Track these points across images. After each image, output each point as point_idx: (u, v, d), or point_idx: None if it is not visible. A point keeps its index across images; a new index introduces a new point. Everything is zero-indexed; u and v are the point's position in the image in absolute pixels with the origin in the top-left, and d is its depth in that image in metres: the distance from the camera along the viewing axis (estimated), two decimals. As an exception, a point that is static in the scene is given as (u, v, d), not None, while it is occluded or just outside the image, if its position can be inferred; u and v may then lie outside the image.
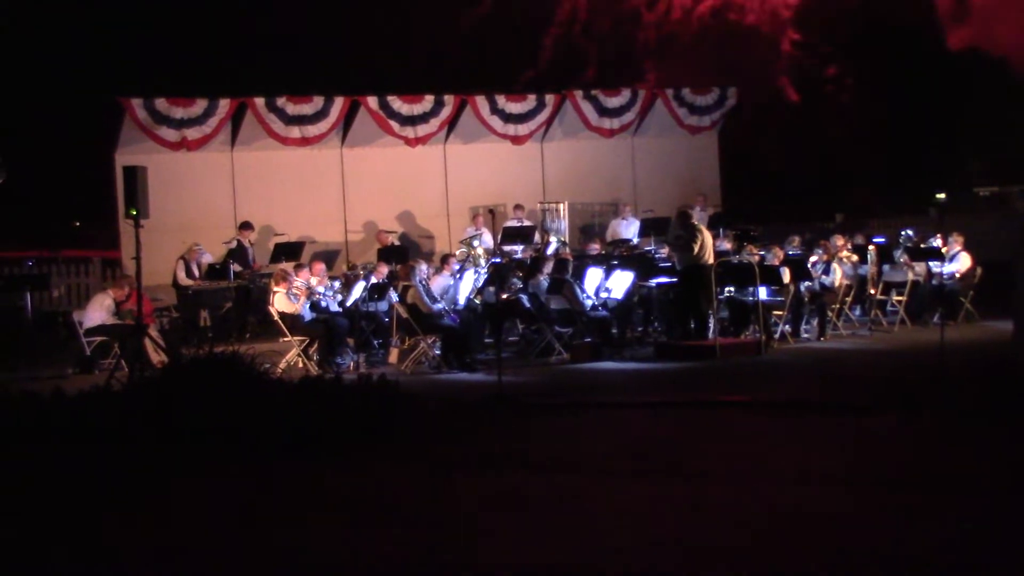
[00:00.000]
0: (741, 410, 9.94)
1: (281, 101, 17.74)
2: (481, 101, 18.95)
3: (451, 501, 7.06)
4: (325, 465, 8.08)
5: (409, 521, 6.61)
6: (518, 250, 17.12)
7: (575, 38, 21.60)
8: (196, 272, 15.75)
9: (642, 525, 6.32)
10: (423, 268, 13.97)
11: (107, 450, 8.48)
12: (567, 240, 17.94)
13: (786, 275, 13.95)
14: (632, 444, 8.71)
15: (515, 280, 14.67)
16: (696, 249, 13.53)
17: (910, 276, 15.34)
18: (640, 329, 15.03)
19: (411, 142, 18.54)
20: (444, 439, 9.06)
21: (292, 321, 13.25)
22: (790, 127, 24.55)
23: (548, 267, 14.41)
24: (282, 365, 12.74)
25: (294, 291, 13.36)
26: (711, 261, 13.59)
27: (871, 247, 15.62)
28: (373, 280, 13.98)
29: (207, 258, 16.02)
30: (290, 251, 16.19)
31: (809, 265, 14.50)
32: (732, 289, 14.08)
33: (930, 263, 15.16)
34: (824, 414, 9.49)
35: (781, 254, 14.63)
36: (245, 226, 16.74)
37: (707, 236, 13.79)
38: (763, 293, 13.68)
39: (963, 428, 8.61)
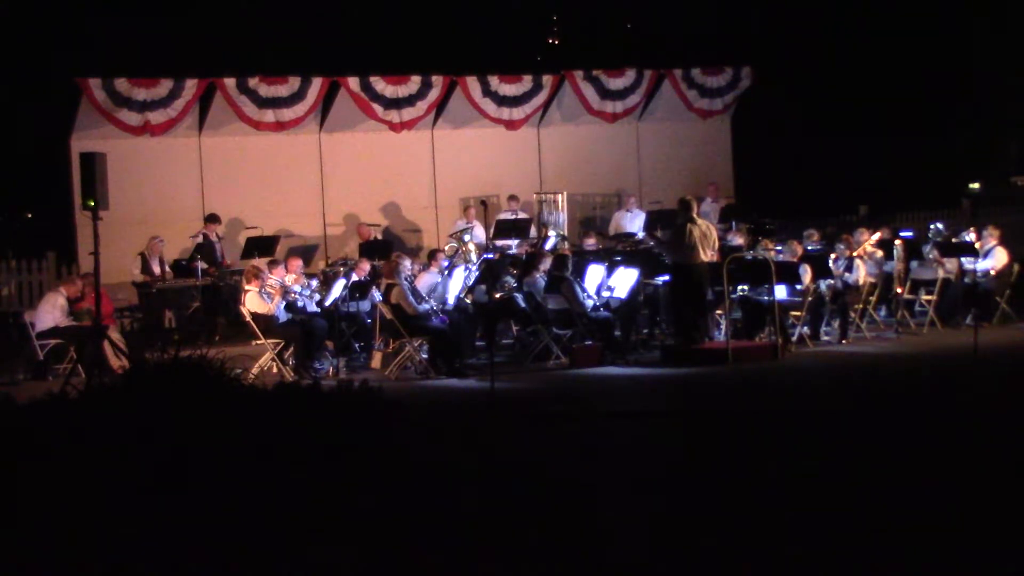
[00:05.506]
0: (753, 420, 9.97)
1: (253, 82, 17.73)
2: (472, 82, 18.97)
3: (438, 522, 7.07)
4: (298, 482, 8.06)
5: (393, 546, 6.63)
6: (512, 245, 17.14)
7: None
8: (158, 268, 15.74)
9: (646, 542, 6.36)
10: (408, 265, 14.00)
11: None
12: (566, 234, 17.97)
13: (807, 274, 13.98)
14: (636, 457, 8.74)
15: (509, 278, 14.70)
16: (683, 247, 13.44)
17: (940, 273, 15.39)
18: (645, 331, 15.06)
19: (396, 127, 18.55)
20: (431, 452, 9.06)
21: (266, 322, 13.25)
22: (809, 109, 24.70)
23: (545, 264, 14.42)
24: (255, 370, 12.75)
25: (268, 290, 13.37)
26: (703, 260, 13.51)
27: (898, 242, 15.67)
28: (354, 278, 14.00)
29: (161, 245, 15.90)
30: (263, 246, 16.19)
31: (830, 262, 14.54)
32: (745, 288, 14.11)
33: (962, 259, 15.20)
34: (846, 423, 9.52)
35: (800, 250, 14.67)
36: (211, 219, 16.74)
37: (701, 232, 13.53)
38: (780, 292, 13.71)
39: (999, 438, 8.64)
